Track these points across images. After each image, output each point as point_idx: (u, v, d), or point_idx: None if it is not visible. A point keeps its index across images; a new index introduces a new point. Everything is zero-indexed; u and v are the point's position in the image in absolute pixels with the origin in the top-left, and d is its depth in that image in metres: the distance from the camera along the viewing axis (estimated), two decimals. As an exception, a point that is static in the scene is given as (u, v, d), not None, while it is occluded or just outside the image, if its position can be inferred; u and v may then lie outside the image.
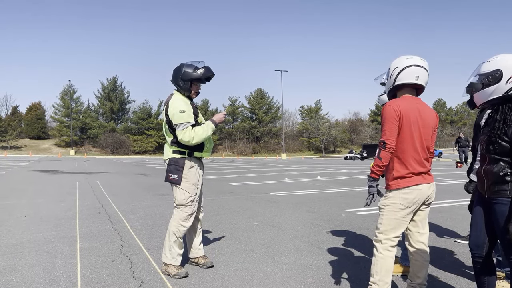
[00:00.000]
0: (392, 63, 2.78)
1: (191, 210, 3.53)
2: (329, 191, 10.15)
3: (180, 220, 3.50)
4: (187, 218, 3.51)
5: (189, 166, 3.53)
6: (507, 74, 2.26)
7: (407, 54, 2.77)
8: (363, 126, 71.88)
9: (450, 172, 16.84)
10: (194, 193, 3.54)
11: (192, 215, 3.55)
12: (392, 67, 2.74)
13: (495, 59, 2.34)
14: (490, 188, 2.33)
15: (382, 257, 2.65)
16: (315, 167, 22.75)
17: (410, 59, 2.70)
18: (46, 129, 62.83)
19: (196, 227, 3.76)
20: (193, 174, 3.55)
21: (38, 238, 4.84)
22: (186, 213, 3.51)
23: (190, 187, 3.52)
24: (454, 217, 6.24)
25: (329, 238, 4.89)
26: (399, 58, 2.75)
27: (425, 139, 2.68)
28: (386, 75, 2.87)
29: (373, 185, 2.66)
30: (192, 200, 3.52)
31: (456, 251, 4.28)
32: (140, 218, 6.11)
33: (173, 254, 3.48)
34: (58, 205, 7.53)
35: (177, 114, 3.39)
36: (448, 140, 73.09)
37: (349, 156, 41.23)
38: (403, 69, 2.68)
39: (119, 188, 10.67)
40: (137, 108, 63.48)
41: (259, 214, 6.50)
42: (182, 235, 3.52)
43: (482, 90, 2.38)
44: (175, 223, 3.51)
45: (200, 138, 3.44)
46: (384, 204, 2.68)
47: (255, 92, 69.88)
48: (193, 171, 3.55)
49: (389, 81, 2.78)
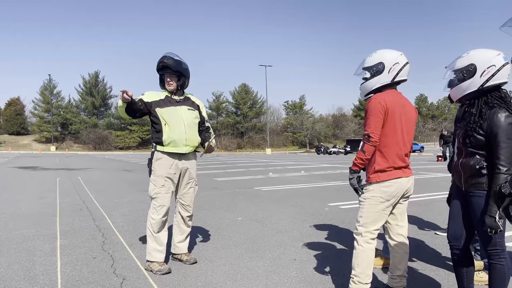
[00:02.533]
0: (381, 57, 2.69)
1: (158, 202, 3.49)
2: (313, 185, 10.22)
3: (150, 213, 3.52)
4: (156, 210, 3.49)
5: (155, 159, 3.55)
6: (481, 68, 2.30)
7: (390, 48, 2.76)
8: (346, 121, 72.61)
9: (430, 166, 17.14)
10: (160, 184, 3.50)
11: (161, 208, 3.50)
12: (389, 62, 2.66)
13: (468, 54, 2.38)
14: (467, 181, 2.37)
15: (362, 250, 2.68)
16: (299, 162, 22.86)
17: (402, 55, 2.71)
18: (26, 125, 61.42)
19: (179, 223, 3.74)
20: (160, 166, 3.52)
21: (17, 235, 4.74)
22: (154, 205, 3.51)
23: (156, 179, 3.51)
24: (434, 210, 6.35)
25: (312, 232, 4.93)
26: (392, 53, 2.70)
27: (407, 134, 2.70)
28: (371, 69, 2.73)
29: (354, 177, 2.67)
30: (157, 192, 3.49)
31: (436, 243, 4.36)
32: (123, 215, 6.04)
33: (149, 249, 3.48)
34: (38, 202, 7.38)
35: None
36: (429, 134, 74.35)
37: (332, 151, 41.52)
38: (404, 66, 2.68)
39: (102, 184, 10.52)
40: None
41: (243, 209, 6.50)
42: (155, 229, 3.48)
43: (457, 86, 2.42)
44: (148, 216, 3.55)
45: (120, 112, 3.59)
46: (364, 197, 2.70)
47: (240, 87, 69.70)
48: (160, 163, 3.53)
49: (385, 76, 2.68)
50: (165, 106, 3.56)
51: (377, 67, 2.71)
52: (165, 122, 3.52)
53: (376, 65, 2.72)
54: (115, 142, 57.83)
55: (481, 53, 2.34)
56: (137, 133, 59.16)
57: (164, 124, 3.52)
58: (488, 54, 2.32)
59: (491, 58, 2.30)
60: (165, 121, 3.52)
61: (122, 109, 3.47)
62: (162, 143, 3.52)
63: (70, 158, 30.26)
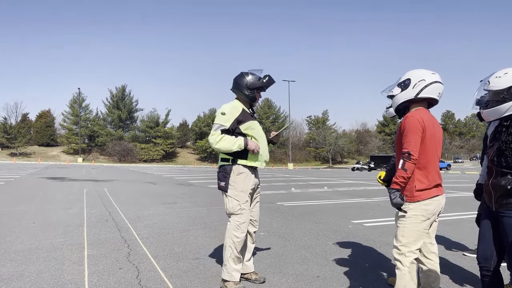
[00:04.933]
0: (411, 74, 2.73)
1: (243, 219, 3.31)
2: (336, 202, 10.11)
3: (233, 231, 3.30)
4: (239, 228, 3.29)
5: (236, 173, 3.34)
6: None
7: (417, 63, 2.77)
8: (370, 137, 71.70)
9: (458, 185, 16.68)
10: (243, 200, 3.32)
11: (244, 225, 3.32)
12: (416, 79, 2.69)
13: (506, 75, 2.31)
14: (498, 201, 2.32)
15: (409, 271, 2.59)
16: (322, 178, 22.66)
17: (434, 74, 2.70)
18: (55, 137, 63.47)
19: (246, 240, 3.51)
20: (242, 181, 3.34)
21: (46, 244, 4.88)
22: (237, 222, 3.30)
23: (238, 195, 3.32)
24: (462, 230, 6.18)
25: (336, 249, 4.87)
26: (423, 71, 2.72)
27: (438, 151, 2.70)
28: (400, 84, 2.79)
29: (397, 196, 2.55)
30: (241, 208, 3.31)
31: (464, 265, 4.23)
32: (147, 226, 6.14)
33: (229, 270, 3.30)
34: (66, 212, 7.59)
35: (218, 114, 3.36)
36: (456, 152, 72.43)
37: (356, 167, 41.03)
38: (430, 83, 2.66)
39: (127, 196, 10.73)
40: (145, 117, 63.97)
41: (265, 224, 6.49)
42: (238, 248, 3.30)
43: (494, 108, 2.32)
44: (228, 234, 3.32)
45: (222, 147, 3.27)
46: (404, 216, 2.63)
47: (263, 102, 70.09)
48: (241, 177, 3.34)
49: (409, 91, 2.70)
50: (247, 120, 3.41)
51: (405, 82, 2.75)
52: (250, 136, 3.40)
53: (404, 81, 2.75)
54: (140, 154, 58.91)
55: None
56: (161, 146, 60.12)
57: (251, 138, 3.40)
58: None
59: None
60: (249, 135, 3.39)
61: (233, 150, 3.30)
62: (246, 157, 3.37)
63: (96, 169, 30.97)
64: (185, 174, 26.20)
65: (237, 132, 3.35)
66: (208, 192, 12.50)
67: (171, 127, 65.03)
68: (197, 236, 5.51)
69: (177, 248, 4.76)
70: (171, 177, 21.80)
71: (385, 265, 4.15)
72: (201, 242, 5.11)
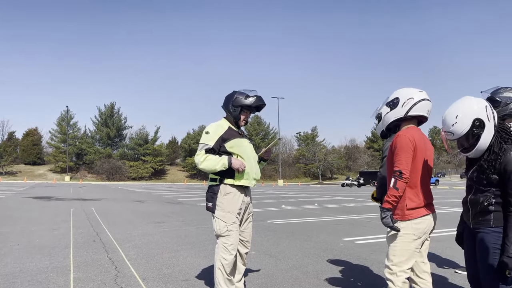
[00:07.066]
0: (399, 93, 2.76)
1: (230, 240, 3.22)
2: (326, 219, 10.07)
3: (221, 253, 3.22)
4: (227, 250, 3.21)
5: (223, 193, 3.28)
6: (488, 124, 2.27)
7: (405, 81, 2.80)
8: (359, 153, 72.09)
9: (447, 200, 16.79)
10: (231, 221, 3.24)
11: (232, 247, 3.23)
12: (404, 97, 2.71)
13: (458, 118, 2.31)
14: (475, 217, 2.34)
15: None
16: (312, 194, 22.64)
17: (421, 92, 2.73)
18: (42, 155, 62.50)
19: (236, 261, 3.40)
20: (229, 201, 3.27)
21: (31, 267, 4.74)
22: (225, 244, 3.21)
23: (225, 215, 3.24)
24: (453, 246, 6.16)
25: (328, 268, 4.82)
26: (410, 90, 2.75)
27: (429, 170, 2.71)
28: (388, 104, 2.80)
29: (387, 215, 2.55)
30: (228, 230, 3.22)
31: (456, 281, 4.22)
32: (136, 247, 6.02)
33: None
34: (52, 233, 7.41)
35: (203, 134, 3.32)
36: (444, 167, 73.16)
37: (346, 183, 41.14)
38: (419, 101, 2.68)
39: (115, 216, 10.54)
40: (134, 134, 63.49)
41: (256, 243, 6.41)
42: (227, 270, 3.21)
43: (477, 147, 2.29)
44: (217, 256, 3.24)
45: (206, 166, 3.22)
46: (395, 235, 2.62)
47: (252, 119, 70.32)
48: (228, 198, 3.27)
49: (399, 109, 2.72)
50: (232, 138, 3.35)
51: (393, 101, 2.77)
52: (236, 154, 3.33)
53: (393, 100, 2.78)
54: (128, 172, 58.24)
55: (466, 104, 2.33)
56: (150, 163, 59.59)
57: (237, 156, 3.34)
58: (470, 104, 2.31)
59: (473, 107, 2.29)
60: (235, 153, 3.33)
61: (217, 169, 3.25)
62: (233, 176, 3.31)
63: (83, 188, 30.51)
64: (174, 192, 25.94)
65: (222, 151, 3.30)
66: (197, 210, 12.36)
67: (160, 144, 64.56)
68: (186, 256, 5.41)
69: (166, 269, 4.66)
70: (160, 195, 21.55)
71: (377, 284, 4.11)
72: (190, 263, 5.02)
